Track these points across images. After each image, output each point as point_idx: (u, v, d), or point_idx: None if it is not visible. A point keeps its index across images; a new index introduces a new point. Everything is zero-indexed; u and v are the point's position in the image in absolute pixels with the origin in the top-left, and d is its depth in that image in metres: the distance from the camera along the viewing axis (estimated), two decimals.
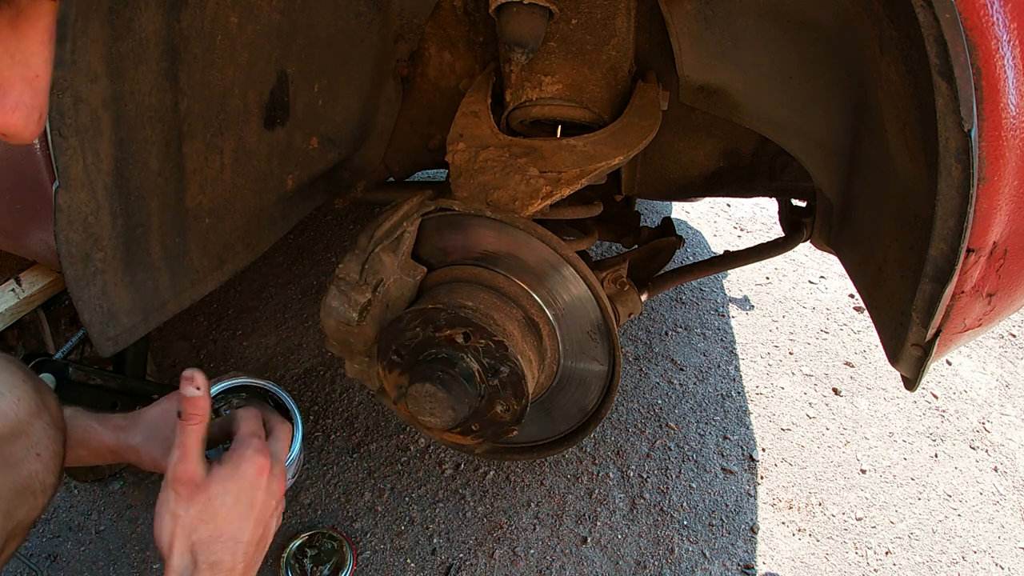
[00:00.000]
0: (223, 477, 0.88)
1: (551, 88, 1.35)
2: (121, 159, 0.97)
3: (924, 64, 0.79)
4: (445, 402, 1.15)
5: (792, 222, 1.74)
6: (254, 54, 1.12)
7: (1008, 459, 2.15)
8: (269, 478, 0.91)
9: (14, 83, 0.42)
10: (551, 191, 1.23)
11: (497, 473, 1.96)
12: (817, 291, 2.89)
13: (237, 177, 1.21)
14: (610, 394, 1.34)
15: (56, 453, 0.88)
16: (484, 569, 1.72)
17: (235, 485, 0.88)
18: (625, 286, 1.47)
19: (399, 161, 1.68)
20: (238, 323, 2.46)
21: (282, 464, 0.95)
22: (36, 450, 0.85)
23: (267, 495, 0.90)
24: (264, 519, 0.90)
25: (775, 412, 2.26)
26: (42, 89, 0.43)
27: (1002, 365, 2.55)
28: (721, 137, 1.55)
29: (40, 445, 0.86)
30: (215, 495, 0.87)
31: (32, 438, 0.84)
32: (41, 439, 0.86)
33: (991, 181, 0.81)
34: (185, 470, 0.87)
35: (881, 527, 1.90)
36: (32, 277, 1.37)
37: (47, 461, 0.87)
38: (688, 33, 1.28)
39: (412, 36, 1.46)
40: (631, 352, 2.45)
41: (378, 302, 1.25)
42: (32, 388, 0.87)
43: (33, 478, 0.85)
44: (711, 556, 1.79)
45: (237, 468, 0.89)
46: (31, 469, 0.85)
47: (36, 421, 0.85)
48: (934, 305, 0.92)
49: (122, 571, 1.69)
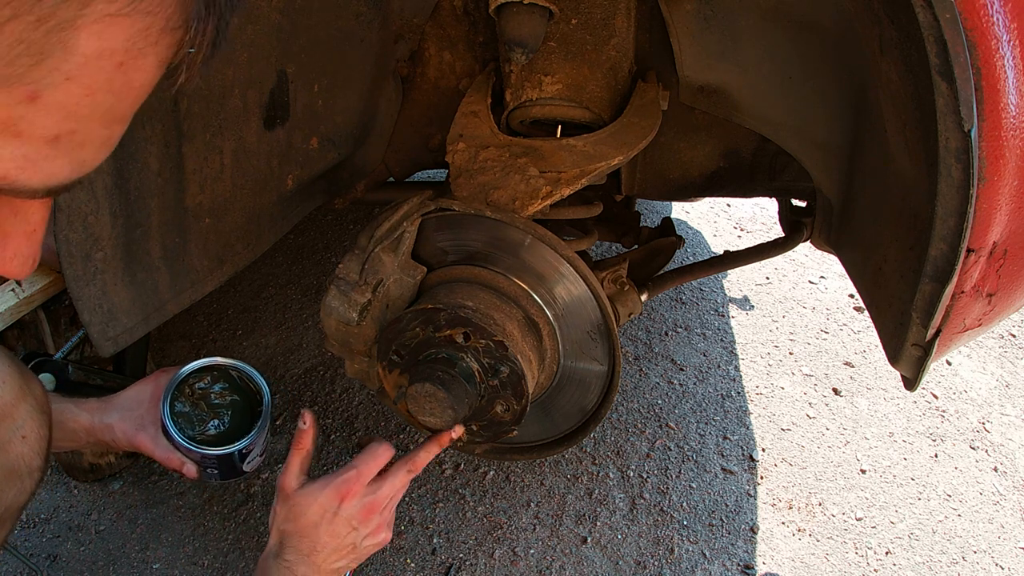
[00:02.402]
0: (308, 493, 1.09)
1: (551, 88, 1.35)
2: (121, 159, 0.97)
3: (924, 64, 0.79)
4: (445, 402, 1.15)
5: (792, 222, 1.74)
6: (254, 54, 1.12)
7: (1008, 459, 2.15)
8: (348, 504, 1.10)
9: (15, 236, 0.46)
10: (551, 191, 1.23)
11: (497, 473, 1.96)
12: (817, 291, 2.89)
13: (237, 177, 1.21)
14: (610, 394, 1.34)
15: (42, 436, 0.89)
16: (484, 569, 1.72)
17: (315, 502, 1.09)
18: (625, 286, 1.47)
19: (399, 161, 1.68)
20: (238, 323, 2.46)
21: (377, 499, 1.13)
22: (21, 432, 0.86)
23: (342, 519, 1.09)
24: (337, 534, 1.09)
25: (775, 412, 2.26)
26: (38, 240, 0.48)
27: (1002, 365, 2.55)
28: (721, 137, 1.55)
29: (25, 428, 0.86)
30: (299, 504, 1.09)
31: (17, 421, 0.85)
32: (26, 422, 0.86)
33: (991, 181, 0.81)
34: (283, 480, 1.11)
35: (881, 527, 1.90)
36: (32, 277, 1.37)
37: (33, 444, 0.87)
38: (688, 33, 1.28)
39: (412, 36, 1.46)
40: (631, 352, 2.45)
41: (378, 302, 1.25)
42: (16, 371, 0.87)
43: (19, 461, 0.85)
44: (711, 556, 1.79)
45: (320, 490, 1.09)
46: (17, 452, 0.85)
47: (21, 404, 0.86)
48: (934, 305, 0.92)
49: (122, 571, 1.69)
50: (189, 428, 1.19)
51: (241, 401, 1.25)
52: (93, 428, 1.17)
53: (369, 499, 1.12)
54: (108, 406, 1.19)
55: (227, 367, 1.25)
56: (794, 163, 1.54)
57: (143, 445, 1.17)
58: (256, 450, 1.23)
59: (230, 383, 1.25)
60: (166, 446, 1.17)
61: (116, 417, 1.18)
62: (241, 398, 1.25)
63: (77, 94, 0.38)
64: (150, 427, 1.18)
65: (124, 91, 0.41)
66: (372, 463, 1.13)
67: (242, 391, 1.26)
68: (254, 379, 1.25)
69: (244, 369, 1.25)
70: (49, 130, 0.39)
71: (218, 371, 1.24)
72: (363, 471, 1.12)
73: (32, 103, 0.37)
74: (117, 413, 1.18)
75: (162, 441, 1.17)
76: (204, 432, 1.21)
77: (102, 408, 1.19)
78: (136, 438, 1.17)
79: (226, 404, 1.24)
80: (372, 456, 1.14)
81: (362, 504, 1.11)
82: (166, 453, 1.17)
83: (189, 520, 1.80)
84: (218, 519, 1.80)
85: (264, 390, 1.24)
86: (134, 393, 1.20)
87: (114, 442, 1.18)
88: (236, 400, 1.25)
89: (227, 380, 1.25)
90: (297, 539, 1.08)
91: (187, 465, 1.18)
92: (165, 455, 1.18)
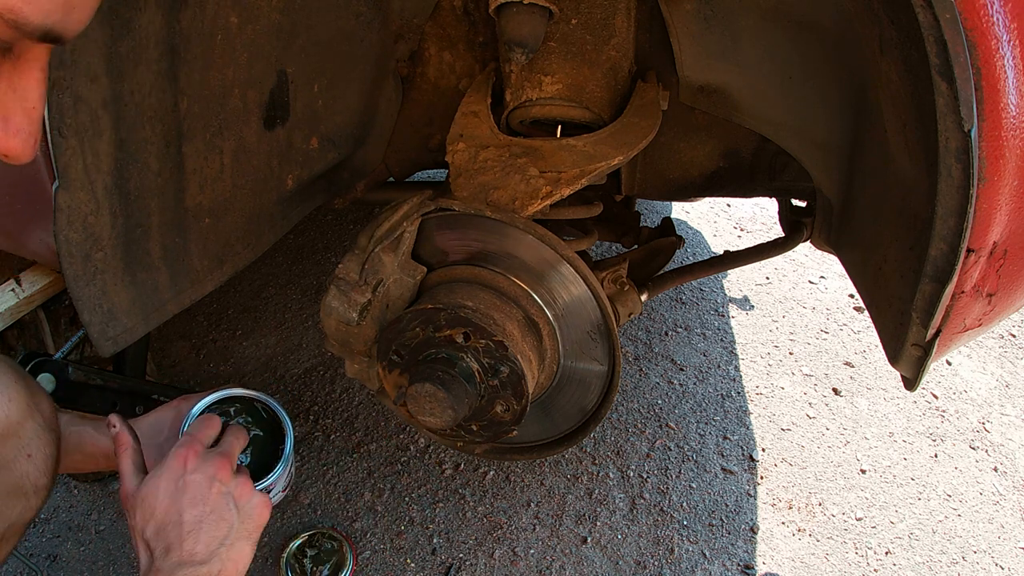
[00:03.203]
0: (152, 477, 0.95)
1: (551, 88, 1.35)
2: (121, 159, 0.97)
3: (924, 64, 0.79)
4: (445, 402, 1.15)
5: (792, 222, 1.74)
6: (254, 54, 1.12)
7: (1008, 459, 2.15)
8: (197, 462, 0.95)
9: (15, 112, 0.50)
10: (551, 191, 1.23)
11: (497, 473, 1.96)
12: (817, 291, 2.89)
13: (237, 177, 1.21)
14: (610, 394, 1.34)
15: (48, 455, 0.88)
16: (484, 569, 1.72)
17: (163, 478, 0.93)
18: (625, 286, 1.47)
19: (399, 161, 1.68)
20: (238, 323, 2.46)
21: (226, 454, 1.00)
22: (27, 451, 0.85)
23: (200, 476, 0.93)
24: (203, 496, 0.92)
25: (775, 412, 2.26)
26: (37, 118, 0.52)
27: (1002, 365, 2.55)
28: (721, 137, 1.55)
29: (31, 446, 0.86)
30: (148, 494, 0.93)
31: (23, 439, 0.85)
32: (32, 440, 0.86)
33: (991, 181, 0.81)
34: (122, 490, 0.97)
35: (881, 527, 1.90)
36: (32, 277, 1.37)
37: (39, 463, 0.87)
38: (688, 33, 1.28)
39: (412, 36, 1.46)
40: (631, 352, 2.45)
41: (378, 302, 1.25)
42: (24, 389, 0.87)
43: (24, 479, 0.85)
44: (711, 556, 1.79)
45: (162, 466, 0.95)
46: (22, 470, 0.85)
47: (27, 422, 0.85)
48: (934, 305, 0.92)
49: (122, 571, 1.69)
50: None
51: (263, 436, 1.19)
52: (112, 453, 1.12)
53: (216, 452, 0.99)
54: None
55: (250, 399, 1.19)
56: (794, 163, 1.54)
57: None
58: (279, 486, 1.15)
59: (253, 416, 1.20)
60: None
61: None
62: (264, 432, 1.19)
63: None
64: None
65: None
66: (203, 429, 1.03)
67: (265, 425, 1.20)
68: (277, 413, 1.19)
69: (267, 402, 1.19)
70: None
71: (241, 403, 1.19)
72: (196, 435, 1.01)
73: None
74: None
75: None
76: None
77: None
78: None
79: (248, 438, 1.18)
80: (200, 423, 1.05)
81: (211, 459, 0.97)
82: None
83: None
84: None
85: (287, 425, 1.17)
86: (154, 420, 1.16)
87: None
88: (259, 435, 1.19)
89: (250, 413, 1.19)
90: (162, 535, 0.90)
91: None
92: None
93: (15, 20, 0.45)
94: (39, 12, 0.46)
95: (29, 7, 0.45)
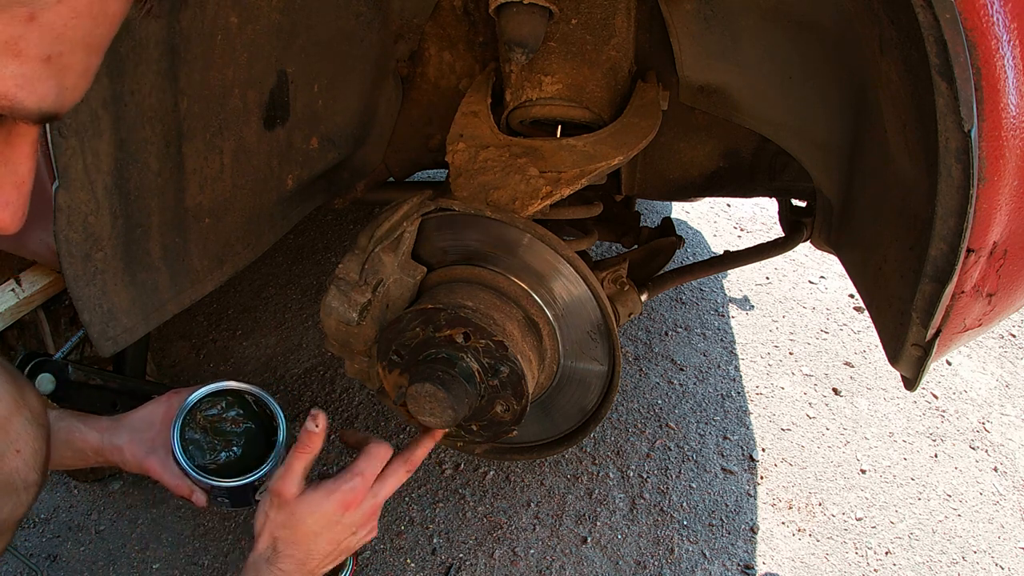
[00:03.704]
0: (310, 501, 1.04)
1: (551, 88, 1.35)
2: (121, 159, 0.97)
3: (924, 64, 0.79)
4: (445, 402, 1.15)
5: (792, 222, 1.74)
6: (254, 54, 1.12)
7: (1008, 459, 2.15)
8: (352, 512, 1.06)
9: (5, 185, 0.50)
10: (551, 191, 1.23)
11: (497, 473, 1.96)
12: (817, 291, 2.89)
13: (237, 177, 1.21)
14: (610, 394, 1.34)
15: (38, 450, 0.88)
16: (484, 569, 1.72)
17: (318, 511, 1.04)
18: (625, 286, 1.47)
19: (399, 161, 1.68)
20: (238, 323, 2.46)
21: (379, 501, 1.10)
22: (16, 446, 0.85)
23: (344, 526, 1.06)
24: (337, 540, 1.07)
25: (775, 412, 2.26)
26: (27, 192, 0.52)
27: (1002, 365, 2.55)
28: (721, 137, 1.55)
29: (20, 441, 0.85)
30: (299, 512, 1.03)
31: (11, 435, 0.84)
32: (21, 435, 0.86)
33: (991, 181, 0.81)
34: (282, 486, 1.04)
35: (881, 527, 1.90)
36: (32, 277, 1.37)
37: (28, 458, 0.86)
38: (688, 33, 1.28)
39: (412, 36, 1.46)
40: (631, 352, 2.45)
41: (378, 302, 1.25)
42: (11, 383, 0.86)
43: (14, 475, 0.85)
44: (711, 556, 1.79)
45: (325, 499, 1.04)
46: (12, 466, 0.84)
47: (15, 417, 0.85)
48: (934, 305, 0.92)
49: (122, 571, 1.69)
50: (200, 456, 1.15)
51: (255, 429, 1.20)
52: (102, 448, 1.14)
53: (371, 503, 1.09)
54: (118, 426, 1.16)
55: (242, 392, 1.20)
56: (794, 163, 1.54)
57: (152, 470, 1.14)
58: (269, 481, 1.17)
59: (244, 409, 1.20)
60: (176, 472, 1.14)
61: (126, 439, 1.15)
62: (255, 425, 1.20)
63: (65, 16, 0.44)
64: (160, 451, 1.15)
65: (101, 17, 0.47)
66: (375, 467, 1.10)
67: (257, 418, 1.20)
68: (269, 406, 1.20)
69: (259, 395, 1.20)
70: (43, 50, 0.44)
71: (232, 396, 1.19)
72: (368, 477, 1.08)
73: (30, 23, 0.42)
74: (127, 435, 1.15)
75: (172, 467, 1.14)
76: (216, 460, 1.16)
77: (112, 428, 1.15)
78: (146, 462, 1.14)
79: (239, 432, 1.19)
80: (374, 459, 1.10)
81: (364, 510, 1.08)
82: (176, 480, 1.14)
83: (189, 520, 1.80)
84: (218, 519, 1.80)
85: (280, 418, 1.19)
86: (145, 414, 1.17)
87: (123, 464, 1.15)
88: (250, 428, 1.19)
89: (242, 406, 1.20)
90: (293, 547, 1.04)
91: (196, 494, 1.15)
92: (175, 482, 1.14)
93: (11, 107, 0.45)
94: (35, 98, 0.46)
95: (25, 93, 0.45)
